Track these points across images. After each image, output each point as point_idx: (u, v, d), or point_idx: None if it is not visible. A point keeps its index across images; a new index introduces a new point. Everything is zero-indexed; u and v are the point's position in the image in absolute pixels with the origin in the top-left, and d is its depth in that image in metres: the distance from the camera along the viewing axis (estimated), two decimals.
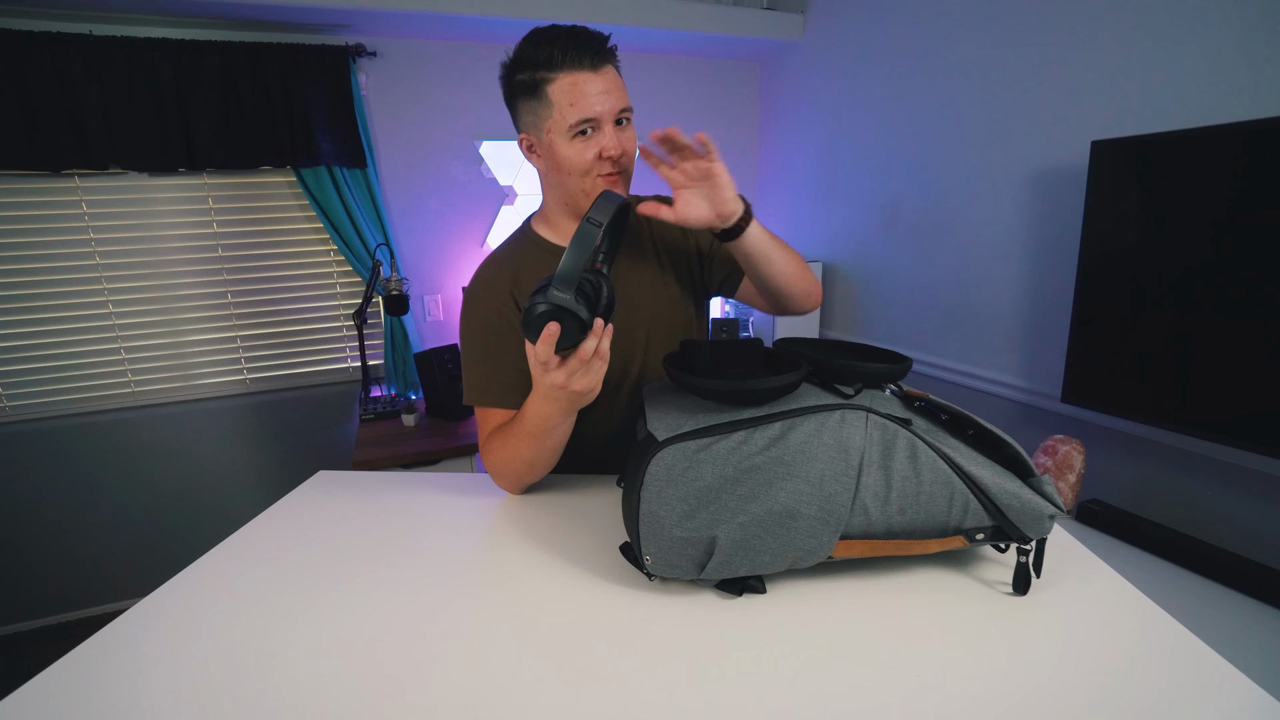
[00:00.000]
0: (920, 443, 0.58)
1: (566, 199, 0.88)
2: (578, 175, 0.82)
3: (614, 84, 0.80)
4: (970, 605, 0.58)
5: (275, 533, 0.76)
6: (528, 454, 0.79)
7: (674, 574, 0.58)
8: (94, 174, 1.98)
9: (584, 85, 0.77)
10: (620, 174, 0.84)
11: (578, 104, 0.77)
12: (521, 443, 0.78)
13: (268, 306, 2.27)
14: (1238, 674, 0.48)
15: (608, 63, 0.79)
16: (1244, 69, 1.15)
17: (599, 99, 0.78)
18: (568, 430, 0.78)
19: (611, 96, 0.79)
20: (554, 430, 0.76)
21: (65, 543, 2.19)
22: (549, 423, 0.74)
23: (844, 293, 2.34)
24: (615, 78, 0.81)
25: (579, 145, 0.80)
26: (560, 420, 0.75)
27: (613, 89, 0.79)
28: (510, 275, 0.91)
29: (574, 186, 0.84)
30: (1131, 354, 1.24)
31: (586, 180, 0.83)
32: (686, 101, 2.64)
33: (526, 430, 0.77)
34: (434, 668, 0.52)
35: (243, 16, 1.93)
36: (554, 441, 0.78)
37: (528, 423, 0.76)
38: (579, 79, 0.77)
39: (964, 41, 1.71)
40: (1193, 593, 1.09)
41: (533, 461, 0.80)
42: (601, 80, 0.78)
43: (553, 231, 0.94)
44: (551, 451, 0.80)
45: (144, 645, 0.56)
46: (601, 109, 0.78)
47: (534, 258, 0.92)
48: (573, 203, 0.87)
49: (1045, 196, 1.54)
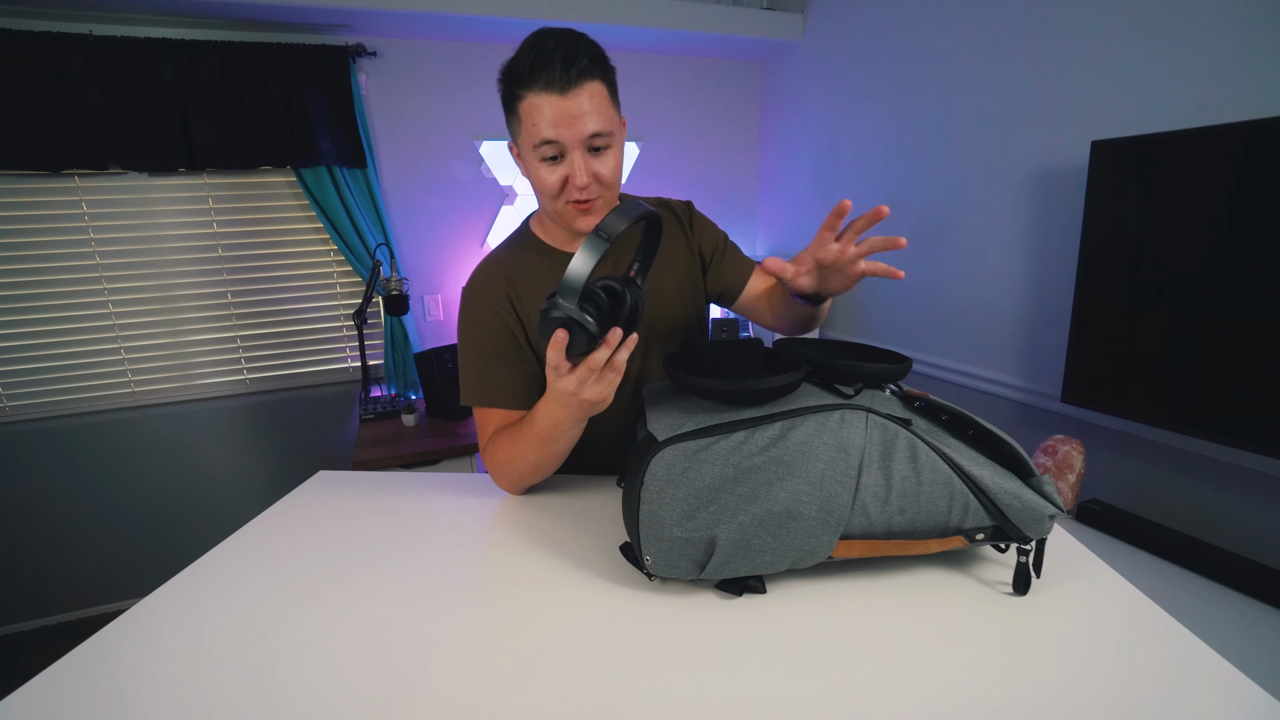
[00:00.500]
0: (920, 443, 0.58)
1: (549, 215, 0.87)
2: (548, 198, 0.81)
3: (582, 109, 0.73)
4: (970, 605, 0.58)
5: (275, 533, 0.76)
6: (534, 456, 0.79)
7: (674, 574, 0.58)
8: (94, 174, 1.98)
9: (546, 109, 0.73)
10: (593, 202, 0.80)
11: (538, 127, 0.74)
12: (529, 445, 0.78)
13: (268, 306, 2.27)
14: (1238, 674, 0.48)
15: (581, 83, 0.73)
16: (1244, 69, 1.15)
17: (558, 126, 0.73)
18: (576, 436, 0.78)
19: (578, 123, 0.73)
20: (563, 435, 0.75)
21: (65, 543, 2.19)
22: (559, 428, 0.73)
23: (844, 292, 2.33)
24: (589, 100, 0.74)
25: (546, 168, 0.77)
26: (570, 426, 0.74)
27: (580, 114, 0.73)
28: (506, 276, 0.90)
29: (547, 206, 0.84)
30: (1131, 354, 1.24)
31: (557, 203, 0.81)
32: (686, 101, 2.64)
33: (535, 433, 0.76)
34: (434, 667, 0.52)
35: (243, 16, 1.93)
36: (561, 446, 0.78)
37: (537, 425, 0.75)
38: (542, 102, 0.73)
39: (964, 41, 1.71)
40: (1193, 593, 1.09)
41: (538, 464, 0.80)
42: (566, 105, 0.72)
43: (548, 234, 0.93)
44: (557, 456, 0.80)
45: (144, 645, 0.56)
46: (563, 135, 0.74)
47: (530, 259, 0.92)
48: (556, 220, 0.86)
49: (1045, 196, 1.54)
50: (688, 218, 1.00)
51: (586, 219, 0.82)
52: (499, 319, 0.89)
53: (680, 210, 1.00)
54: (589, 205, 0.80)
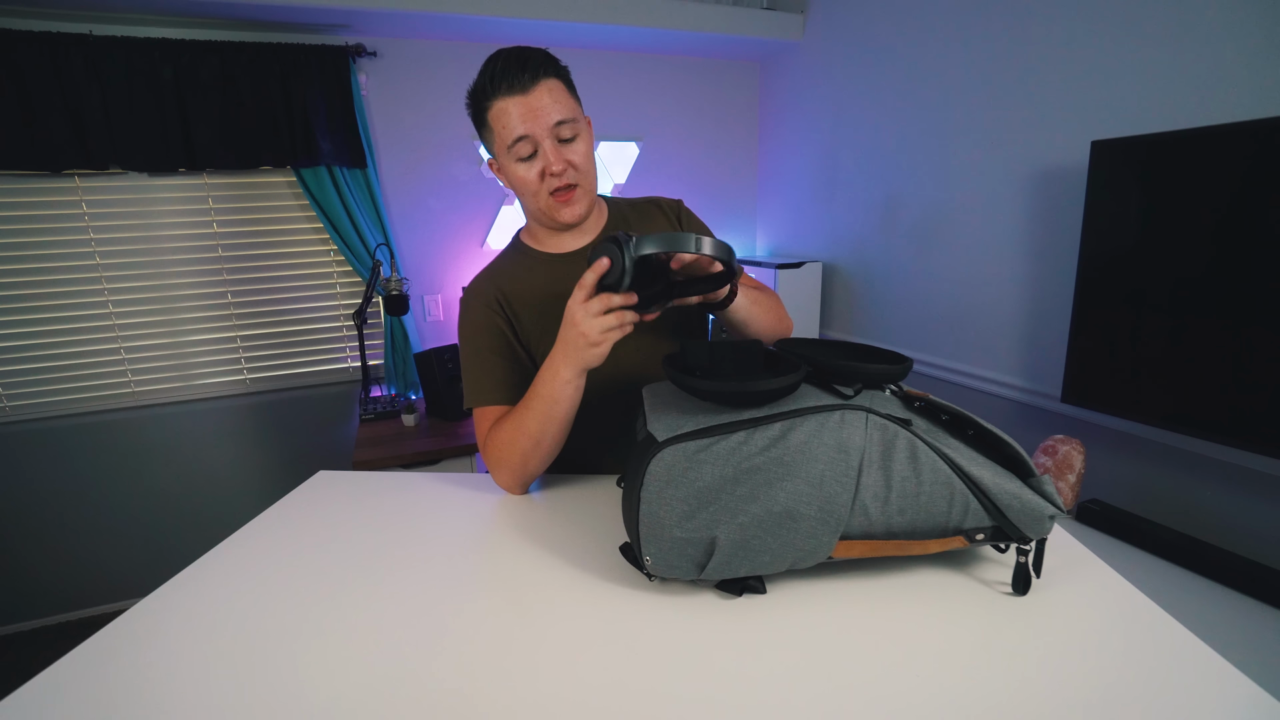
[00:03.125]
0: (920, 443, 0.58)
1: (535, 214, 0.93)
2: (531, 195, 0.87)
3: (543, 101, 0.81)
4: (970, 605, 0.58)
5: (275, 533, 0.76)
6: (534, 426, 0.80)
7: (674, 574, 0.58)
8: (94, 174, 1.98)
9: (512, 109, 0.81)
10: (572, 189, 0.87)
11: (508, 127, 0.82)
12: (529, 414, 0.80)
13: (268, 306, 2.27)
14: (1238, 674, 0.48)
15: (538, 81, 0.81)
16: (1244, 69, 1.15)
17: (526, 121, 0.81)
18: (572, 403, 0.79)
19: (544, 114, 0.81)
20: (561, 392, 0.77)
21: (65, 543, 2.19)
22: (558, 379, 0.76)
23: (844, 293, 2.34)
24: (549, 94, 0.82)
25: (524, 167, 0.85)
26: (570, 377, 0.75)
27: (542, 106, 0.81)
28: (496, 282, 0.95)
29: (531, 205, 0.90)
30: (1131, 354, 1.24)
31: (539, 199, 0.87)
32: (686, 101, 2.64)
33: (535, 395, 0.79)
34: (434, 667, 0.52)
35: (243, 16, 1.93)
36: (560, 411, 0.78)
37: (538, 387, 0.79)
38: (508, 104, 0.81)
39: (964, 41, 1.71)
40: (1193, 593, 1.09)
41: (538, 437, 0.80)
42: (529, 101, 0.80)
43: (536, 241, 0.98)
44: (556, 426, 0.80)
45: (144, 645, 0.56)
46: (531, 129, 0.81)
47: (518, 264, 0.97)
48: (542, 217, 0.92)
49: (1045, 196, 1.54)
50: (675, 214, 1.04)
51: (569, 209, 0.88)
52: (491, 320, 0.93)
53: (669, 207, 1.04)
54: (569, 195, 0.87)
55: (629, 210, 1.03)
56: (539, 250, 0.97)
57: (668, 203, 1.05)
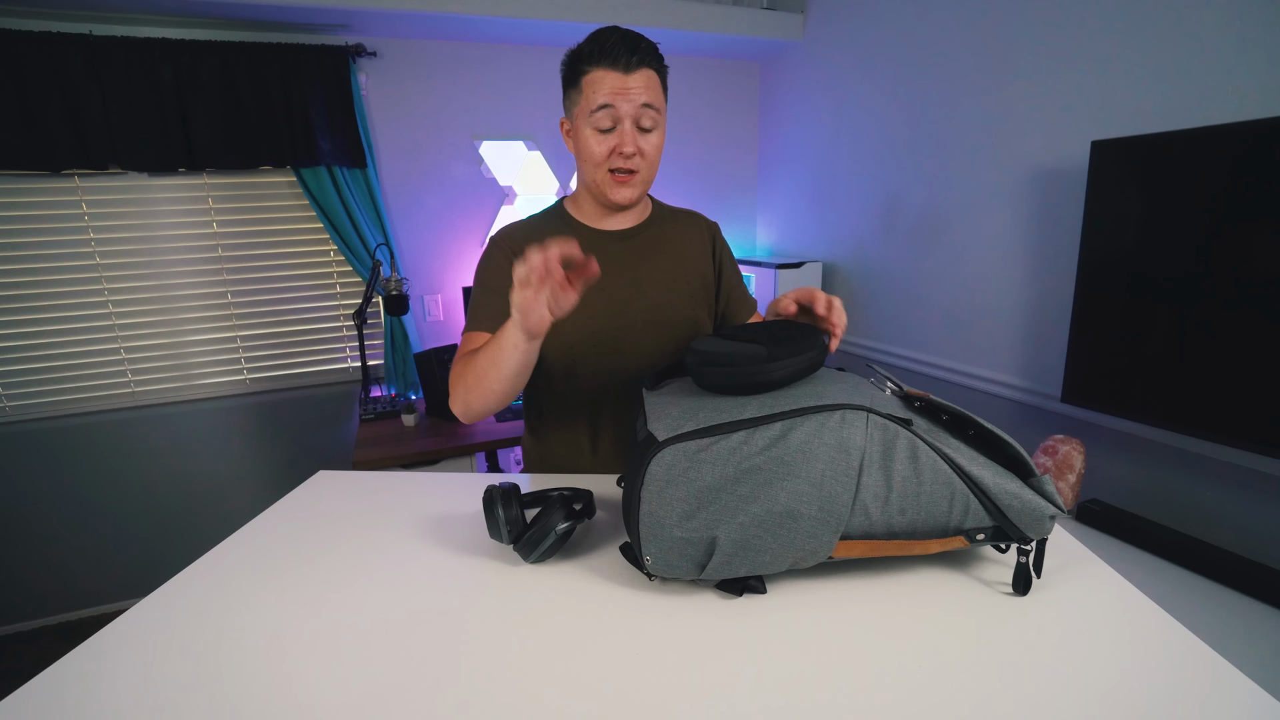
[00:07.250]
0: (921, 443, 0.58)
1: (588, 185, 0.95)
2: (592, 165, 0.90)
3: (641, 85, 0.86)
4: (970, 605, 0.58)
5: (275, 533, 0.76)
6: (483, 361, 0.82)
7: (674, 574, 0.58)
8: (94, 174, 1.98)
9: (608, 81, 0.85)
10: (631, 175, 0.90)
11: (598, 93, 0.85)
12: (485, 352, 0.82)
13: (268, 306, 2.27)
14: (1238, 674, 0.48)
15: (640, 67, 0.86)
16: (1244, 69, 1.15)
17: (615, 95, 0.85)
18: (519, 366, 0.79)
19: (633, 96, 0.85)
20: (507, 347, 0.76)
21: (65, 543, 2.19)
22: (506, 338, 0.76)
23: (844, 293, 2.34)
24: (645, 80, 0.86)
25: (598, 137, 0.88)
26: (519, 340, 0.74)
27: (636, 89, 0.85)
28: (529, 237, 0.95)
29: (588, 175, 0.93)
30: (1131, 354, 1.24)
31: (598, 173, 0.90)
32: (686, 101, 2.64)
33: (494, 340, 0.80)
34: (434, 667, 0.52)
35: (243, 16, 1.93)
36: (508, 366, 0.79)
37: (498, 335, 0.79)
38: (606, 76, 0.85)
39: (964, 41, 1.71)
40: (1193, 593, 1.09)
41: (482, 374, 0.82)
42: (626, 80, 0.85)
43: (579, 211, 1.01)
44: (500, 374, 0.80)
45: (144, 645, 0.56)
46: (619, 104, 0.85)
47: (558, 230, 0.98)
48: (594, 190, 0.94)
49: (1045, 196, 1.54)
50: (713, 235, 1.08)
51: (622, 191, 0.91)
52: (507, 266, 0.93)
53: (707, 226, 1.09)
54: (628, 178, 0.90)
55: (668, 215, 1.06)
56: (579, 220, 1.00)
57: (707, 223, 1.09)
